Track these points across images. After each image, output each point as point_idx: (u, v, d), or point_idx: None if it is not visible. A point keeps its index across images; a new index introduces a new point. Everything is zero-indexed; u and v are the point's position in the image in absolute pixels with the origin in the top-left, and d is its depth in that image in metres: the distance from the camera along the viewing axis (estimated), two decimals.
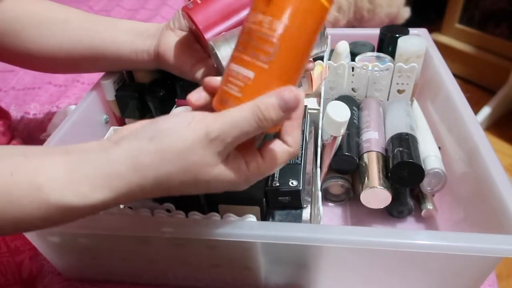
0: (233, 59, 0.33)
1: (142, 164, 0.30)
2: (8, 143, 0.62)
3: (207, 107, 0.34)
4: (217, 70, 0.46)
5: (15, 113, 0.79)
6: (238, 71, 0.32)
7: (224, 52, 0.43)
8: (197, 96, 0.34)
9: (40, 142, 0.70)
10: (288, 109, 0.30)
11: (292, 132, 0.33)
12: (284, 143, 0.33)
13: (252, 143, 0.34)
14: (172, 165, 0.30)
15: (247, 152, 0.33)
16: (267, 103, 0.30)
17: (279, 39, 0.31)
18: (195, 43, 0.50)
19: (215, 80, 0.34)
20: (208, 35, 0.46)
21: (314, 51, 0.44)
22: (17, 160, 0.31)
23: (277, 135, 0.34)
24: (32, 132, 0.74)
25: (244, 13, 0.46)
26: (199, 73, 0.49)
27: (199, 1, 0.46)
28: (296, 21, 0.31)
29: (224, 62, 0.43)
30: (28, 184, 0.30)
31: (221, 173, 0.32)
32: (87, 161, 0.31)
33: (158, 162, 0.30)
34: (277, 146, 0.33)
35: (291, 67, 0.32)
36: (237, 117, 0.30)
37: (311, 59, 0.45)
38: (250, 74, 0.31)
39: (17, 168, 0.30)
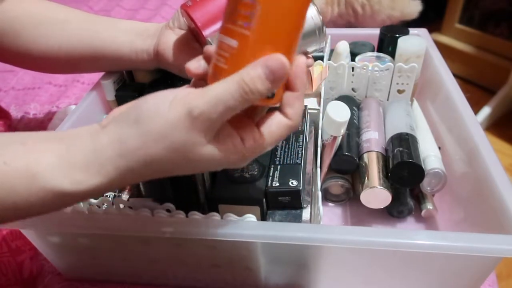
0: (220, 29, 0.31)
1: (128, 149, 0.30)
2: None
3: (206, 77, 0.33)
4: None
5: (15, 113, 0.79)
6: (223, 41, 0.30)
7: None
8: (197, 64, 0.33)
9: None
10: (275, 79, 0.29)
11: (294, 103, 0.31)
12: (284, 115, 0.32)
13: (247, 118, 0.33)
14: (158, 146, 0.29)
15: (242, 128, 0.31)
16: (253, 74, 0.28)
17: (261, 2, 0.28)
18: (194, 41, 0.50)
19: (213, 48, 0.32)
20: (206, 32, 0.46)
21: (313, 48, 0.43)
22: (14, 148, 0.31)
23: (278, 107, 0.32)
24: None
25: None
26: None
27: None
28: None
29: None
30: (24, 172, 0.30)
31: (212, 151, 0.30)
32: (78, 147, 0.31)
33: (143, 145, 0.30)
34: (276, 119, 0.32)
35: (277, 33, 0.29)
36: (221, 92, 0.28)
37: (310, 55, 0.45)
38: (234, 43, 0.29)
39: (14, 157, 0.30)
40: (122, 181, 0.31)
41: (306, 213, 0.47)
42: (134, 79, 0.63)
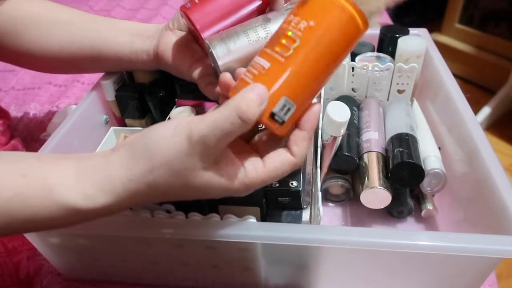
0: (259, 52, 0.33)
1: (136, 173, 0.31)
2: (8, 142, 0.62)
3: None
4: (215, 70, 0.46)
5: (15, 113, 0.79)
6: (257, 61, 0.33)
7: (220, 51, 0.43)
8: (230, 77, 0.35)
9: (40, 142, 0.70)
10: (263, 102, 0.31)
11: (300, 142, 0.33)
12: (290, 152, 0.33)
13: (252, 150, 0.35)
14: (163, 172, 0.31)
15: (246, 159, 0.33)
16: (242, 101, 0.29)
17: (300, 37, 0.31)
18: (193, 43, 0.50)
19: (228, 77, 0.35)
20: (205, 34, 0.45)
21: None
22: (30, 162, 0.32)
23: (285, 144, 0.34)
24: (32, 132, 0.74)
25: (242, 12, 0.46)
26: (196, 73, 0.49)
27: (196, 1, 0.46)
28: (323, 27, 0.31)
29: (220, 61, 0.43)
30: (39, 186, 0.31)
31: (212, 178, 0.31)
32: (91, 167, 0.32)
33: (149, 170, 0.31)
34: (281, 155, 0.33)
35: (306, 71, 0.32)
36: (218, 117, 0.29)
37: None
38: (267, 64, 0.32)
39: (29, 171, 0.31)
40: (131, 202, 0.33)
41: (306, 214, 0.47)
42: (134, 80, 0.63)
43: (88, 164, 0.32)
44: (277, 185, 0.45)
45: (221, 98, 0.36)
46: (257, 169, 0.33)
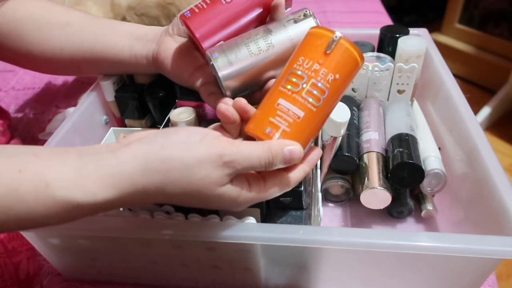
0: (282, 94, 0.36)
1: (150, 168, 0.32)
2: (8, 143, 0.62)
3: (230, 120, 0.37)
4: (216, 78, 0.46)
5: (15, 113, 0.79)
6: (289, 108, 0.36)
7: (221, 63, 0.43)
8: (227, 107, 0.37)
9: (40, 142, 0.70)
10: (290, 163, 0.35)
11: (300, 172, 0.37)
12: (289, 175, 0.37)
13: (256, 172, 0.37)
14: (178, 174, 0.32)
15: (252, 177, 0.36)
16: (279, 152, 0.34)
17: (330, 89, 0.36)
18: (194, 50, 0.49)
19: (248, 106, 0.38)
20: (205, 44, 0.45)
21: None
22: (26, 158, 0.31)
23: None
24: (32, 132, 0.74)
25: (243, 21, 0.46)
26: (197, 81, 0.48)
27: (196, 10, 0.45)
28: (346, 79, 0.37)
29: (221, 73, 0.43)
30: (35, 181, 0.30)
31: (224, 192, 0.34)
32: (95, 161, 0.32)
33: (166, 169, 0.32)
34: (282, 181, 0.36)
35: (328, 113, 0.38)
36: (252, 153, 0.34)
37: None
38: (301, 113, 0.36)
39: (25, 166, 0.31)
40: (133, 199, 0.33)
41: (306, 215, 0.47)
42: (133, 80, 0.63)
43: (92, 158, 0.32)
44: None
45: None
46: (260, 187, 0.36)
